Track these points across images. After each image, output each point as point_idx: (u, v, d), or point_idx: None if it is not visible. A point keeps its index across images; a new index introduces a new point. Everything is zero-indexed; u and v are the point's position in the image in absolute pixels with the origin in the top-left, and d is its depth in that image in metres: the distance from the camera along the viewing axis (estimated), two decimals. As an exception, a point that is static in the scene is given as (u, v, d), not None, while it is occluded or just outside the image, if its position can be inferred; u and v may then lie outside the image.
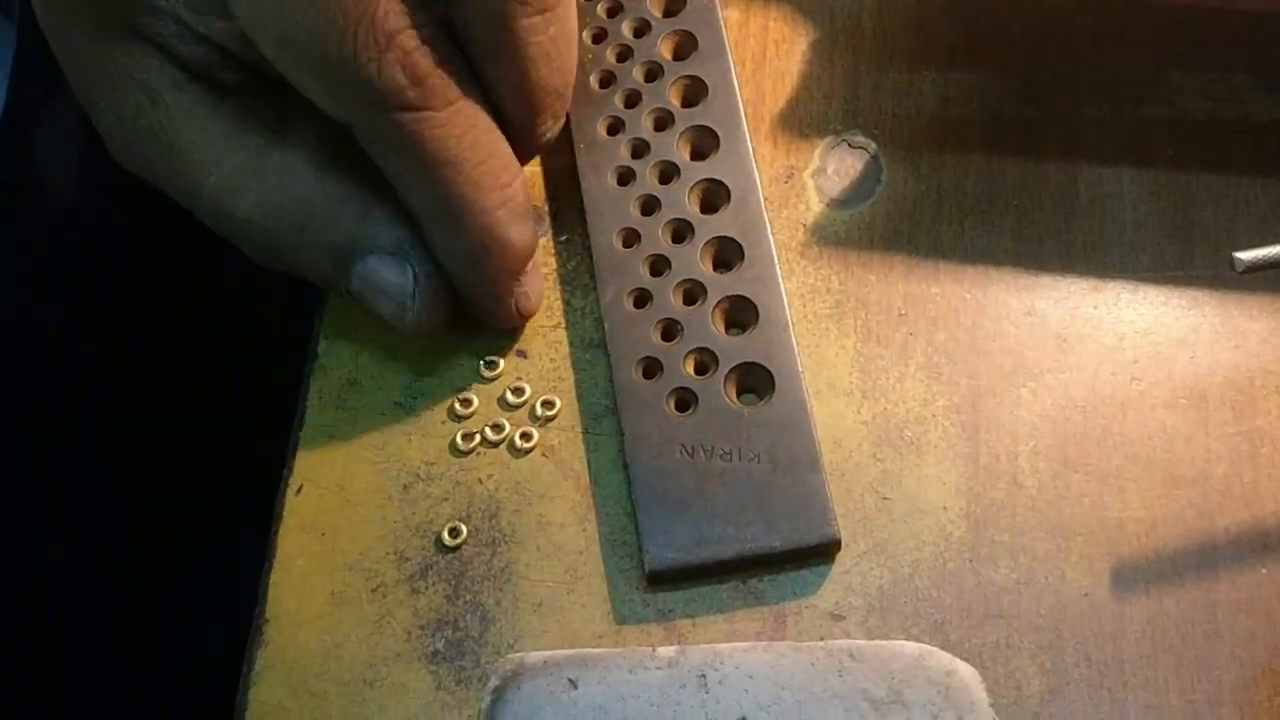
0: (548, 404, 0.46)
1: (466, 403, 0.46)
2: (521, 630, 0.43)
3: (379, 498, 0.45)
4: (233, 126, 0.44)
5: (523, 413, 0.46)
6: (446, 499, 0.45)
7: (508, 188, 0.43)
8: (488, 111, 0.42)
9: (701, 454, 0.44)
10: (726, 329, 0.46)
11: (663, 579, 0.43)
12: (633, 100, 0.50)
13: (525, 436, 0.46)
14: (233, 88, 0.44)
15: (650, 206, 0.48)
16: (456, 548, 0.44)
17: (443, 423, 0.46)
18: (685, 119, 0.49)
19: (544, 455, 0.45)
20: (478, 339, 0.47)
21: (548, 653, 0.41)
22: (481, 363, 0.47)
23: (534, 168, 0.50)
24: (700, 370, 0.46)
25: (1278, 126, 0.48)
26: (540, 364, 0.47)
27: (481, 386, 0.47)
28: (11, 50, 0.49)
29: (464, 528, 0.44)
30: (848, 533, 0.43)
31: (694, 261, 0.47)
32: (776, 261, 0.47)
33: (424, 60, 0.40)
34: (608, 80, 0.50)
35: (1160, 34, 0.50)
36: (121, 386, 0.57)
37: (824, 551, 0.43)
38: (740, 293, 0.46)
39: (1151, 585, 0.42)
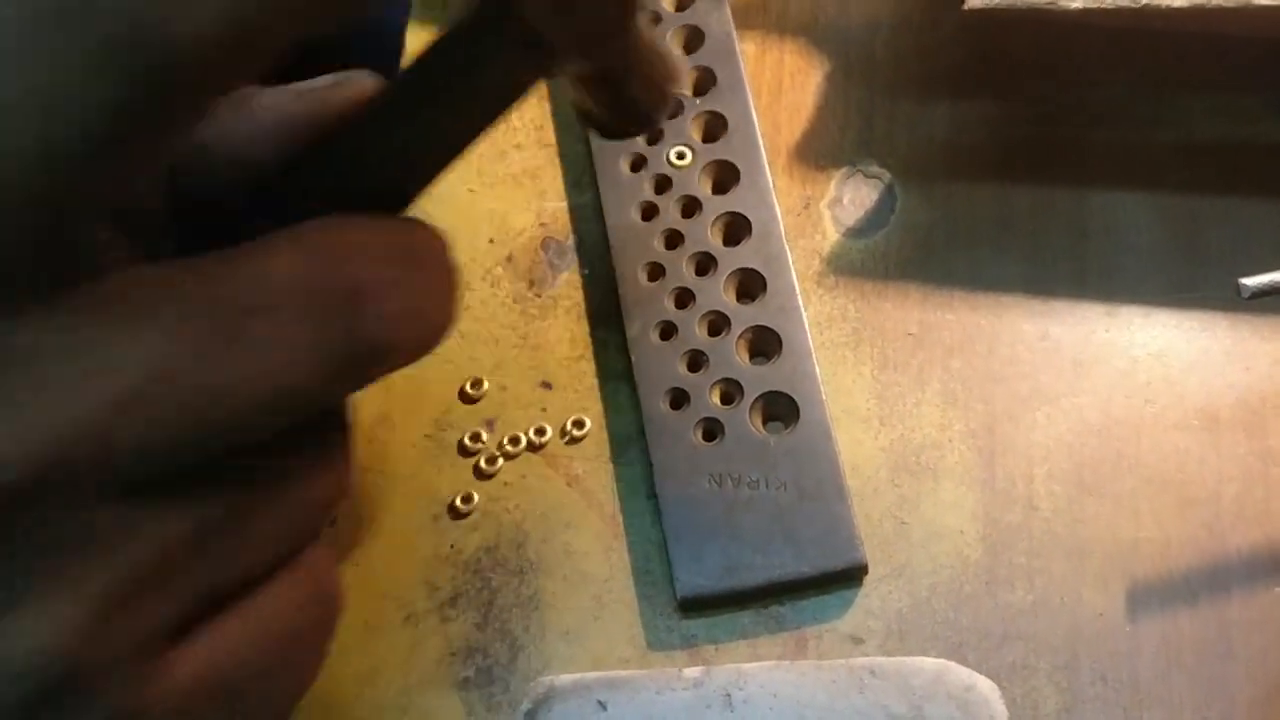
0: (578, 423, 0.47)
1: (494, 433, 0.47)
2: (550, 657, 0.44)
3: (410, 528, 0.46)
4: None
5: (549, 441, 0.47)
6: (475, 528, 0.46)
7: None
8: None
9: (729, 482, 0.45)
10: (751, 359, 0.47)
11: (693, 606, 0.44)
12: (655, 135, 0.51)
13: (552, 466, 0.47)
14: None
15: (674, 240, 0.49)
16: (486, 576, 0.45)
17: (470, 454, 0.47)
18: (706, 153, 0.50)
19: (569, 485, 0.47)
20: (503, 371, 0.49)
21: (578, 675, 0.42)
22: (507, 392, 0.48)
23: (560, 203, 0.51)
24: (726, 400, 0.47)
25: (1287, 149, 0.49)
26: (565, 395, 0.48)
27: (508, 418, 0.48)
28: None
29: (492, 557, 0.46)
30: (867, 557, 0.44)
31: (718, 293, 0.48)
32: (798, 291, 0.48)
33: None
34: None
35: (1168, 59, 0.51)
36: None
37: (850, 576, 0.44)
38: (764, 323, 0.47)
39: (1165, 605, 0.43)
